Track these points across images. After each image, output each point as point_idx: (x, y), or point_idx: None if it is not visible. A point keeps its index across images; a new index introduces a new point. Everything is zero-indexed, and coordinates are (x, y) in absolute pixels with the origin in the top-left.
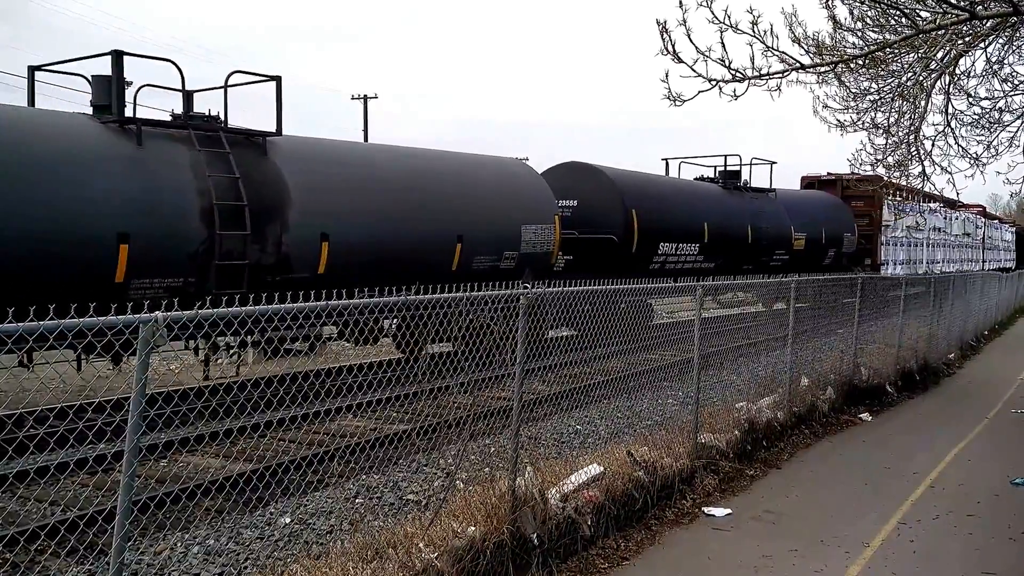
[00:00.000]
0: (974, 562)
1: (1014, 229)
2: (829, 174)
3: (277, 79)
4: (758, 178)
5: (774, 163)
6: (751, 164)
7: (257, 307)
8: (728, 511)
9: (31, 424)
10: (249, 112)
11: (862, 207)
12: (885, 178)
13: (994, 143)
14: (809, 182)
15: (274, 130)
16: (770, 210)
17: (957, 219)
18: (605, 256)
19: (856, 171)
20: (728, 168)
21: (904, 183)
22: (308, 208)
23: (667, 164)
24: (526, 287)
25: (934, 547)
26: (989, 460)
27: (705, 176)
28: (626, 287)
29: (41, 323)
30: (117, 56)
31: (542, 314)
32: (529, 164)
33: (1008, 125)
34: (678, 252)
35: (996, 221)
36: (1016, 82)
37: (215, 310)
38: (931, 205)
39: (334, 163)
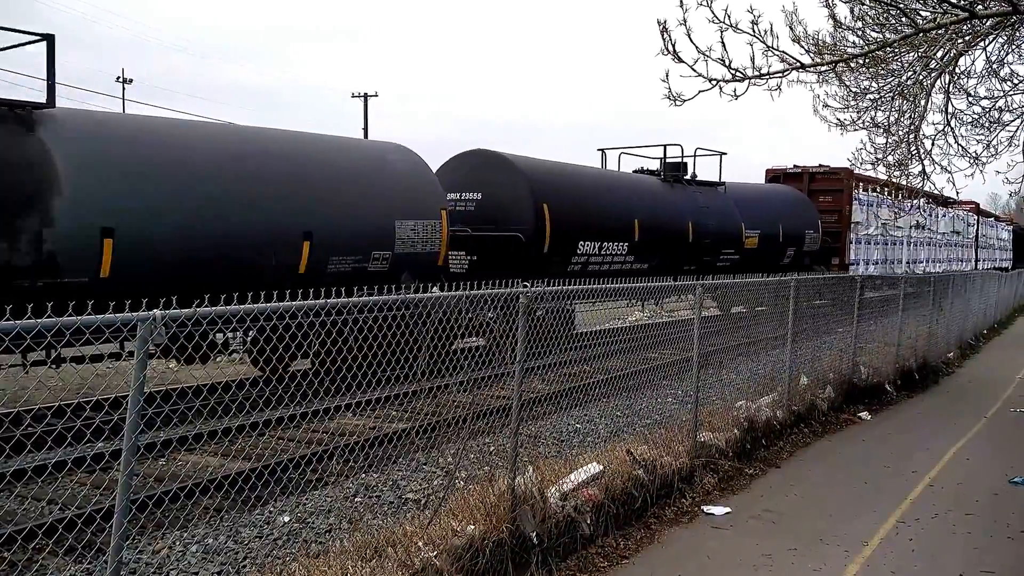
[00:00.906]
0: (973, 561)
1: (1011, 228)
2: (795, 167)
3: (48, 37)
4: (725, 173)
5: (723, 154)
6: (695, 155)
7: (257, 305)
8: (727, 510)
9: (29, 422)
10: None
11: (830, 202)
12: (885, 176)
13: (994, 142)
14: (774, 175)
15: (44, 101)
16: (717, 206)
17: (945, 216)
18: (513, 256)
19: (854, 165)
20: (670, 160)
21: (888, 178)
22: (84, 197)
23: (604, 155)
24: (526, 285)
25: (933, 546)
26: (988, 459)
27: (647, 169)
28: (627, 286)
29: (39, 321)
30: None
31: (452, 322)
32: (410, 149)
33: (1008, 124)
34: (603, 252)
35: (992, 219)
36: (1016, 81)
37: (214, 308)
38: (914, 201)
39: (129, 143)
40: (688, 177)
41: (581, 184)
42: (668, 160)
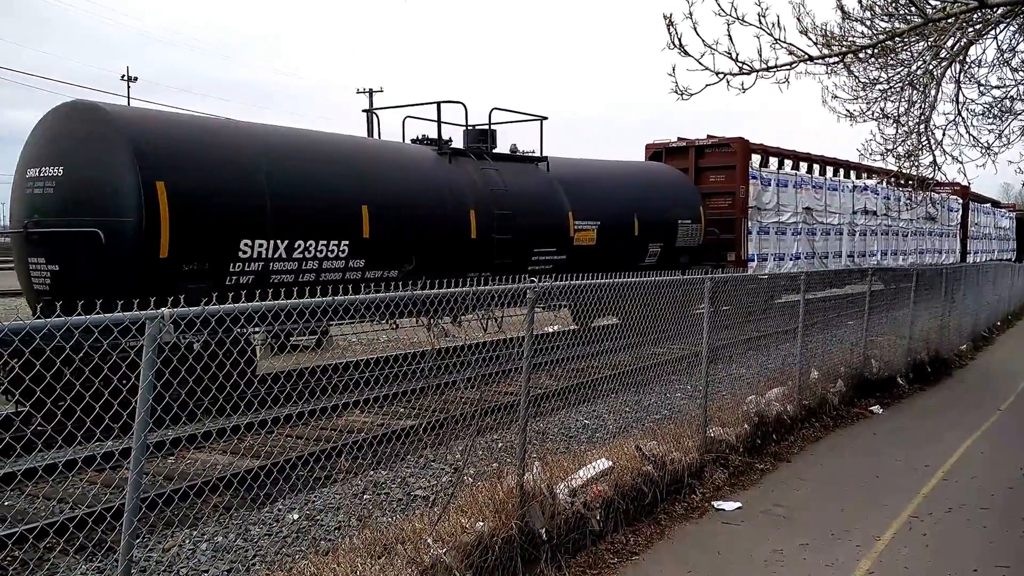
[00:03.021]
0: (988, 555)
1: (1014, 215)
2: (680, 139)
3: None
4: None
5: (543, 118)
6: (485, 126)
7: (264, 303)
8: (738, 505)
9: (39, 421)
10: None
11: (722, 183)
12: (896, 167)
13: (1005, 132)
14: (655, 151)
15: None
16: (528, 188)
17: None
18: (99, 266)
19: (864, 157)
20: (475, 127)
21: (898, 168)
22: None
23: (370, 118)
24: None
25: (947, 540)
26: (1002, 452)
27: (426, 138)
28: (654, 280)
29: (48, 320)
30: None
31: None
32: None
33: (1020, 114)
34: (296, 255)
35: (987, 205)
36: None
37: (222, 306)
38: (865, 181)
39: None
40: (481, 149)
41: (246, 152)
42: (467, 127)
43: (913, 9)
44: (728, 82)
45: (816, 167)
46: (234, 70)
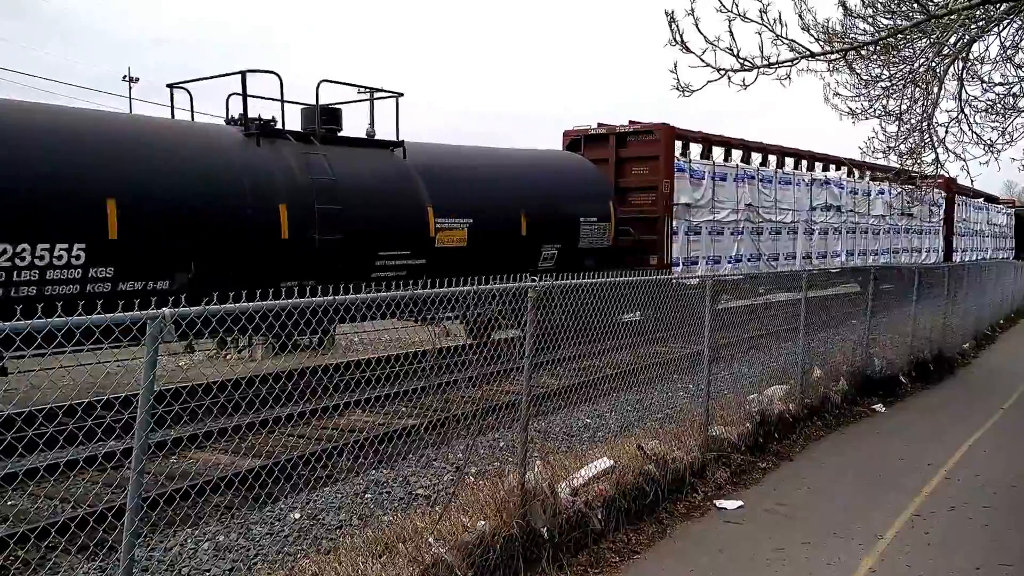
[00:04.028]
0: (990, 554)
1: (1013, 211)
2: (600, 126)
3: None
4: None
5: (399, 95)
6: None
7: (265, 303)
8: (740, 504)
9: (41, 421)
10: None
11: (645, 176)
12: (899, 165)
13: (1009, 129)
14: (573, 139)
15: None
16: (371, 178)
17: (884, 194)
18: None
19: (866, 155)
20: (322, 105)
21: (900, 166)
22: None
23: (172, 92)
24: (534, 280)
25: (949, 538)
26: (1005, 451)
27: (238, 118)
28: (653, 278)
29: (49, 320)
30: None
31: None
32: None
33: (1023, 111)
34: (18, 262)
35: (980, 200)
36: None
37: (223, 306)
38: (826, 174)
39: None
40: (322, 131)
41: None
42: (306, 106)
43: (916, 5)
44: (730, 79)
45: (773, 159)
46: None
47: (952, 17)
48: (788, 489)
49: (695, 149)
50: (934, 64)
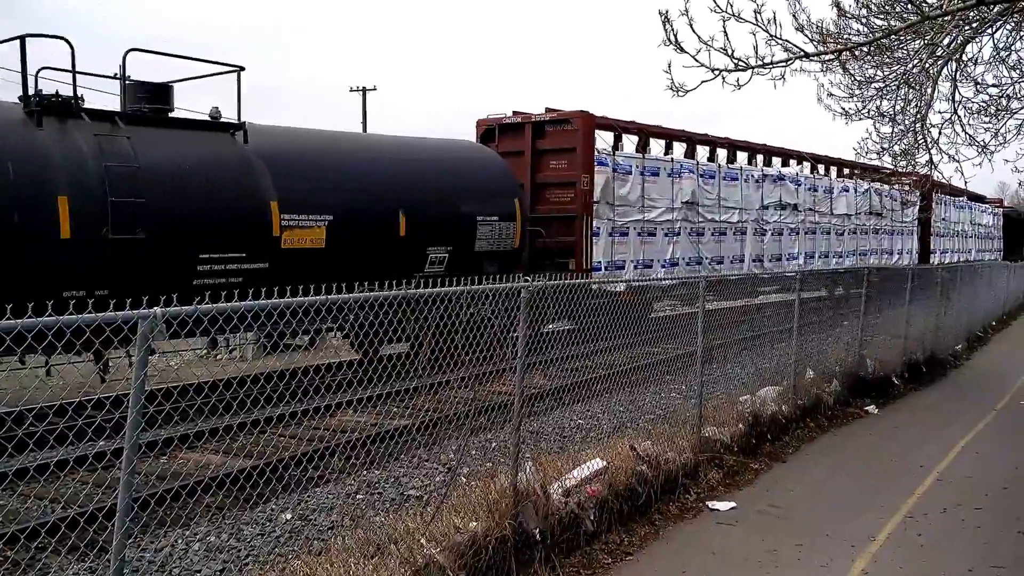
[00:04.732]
0: (982, 555)
1: (1000, 211)
2: (516, 114)
3: None
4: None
5: (239, 69)
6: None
7: (257, 302)
8: (732, 505)
9: (31, 421)
10: None
11: (563, 170)
12: (889, 165)
13: (1002, 131)
14: (487, 129)
15: None
16: (193, 165)
17: (849, 192)
18: None
19: (860, 156)
20: (154, 83)
21: (894, 167)
22: None
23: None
24: (527, 280)
25: (941, 540)
26: (998, 453)
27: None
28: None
29: (39, 320)
30: None
31: None
32: None
33: (1016, 112)
34: None
35: (963, 198)
36: None
37: (215, 305)
38: (781, 169)
39: None
40: (151, 110)
41: None
42: (129, 81)
43: (910, 6)
44: (724, 79)
45: (724, 153)
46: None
47: (946, 18)
48: (781, 490)
49: (631, 142)
50: (927, 65)
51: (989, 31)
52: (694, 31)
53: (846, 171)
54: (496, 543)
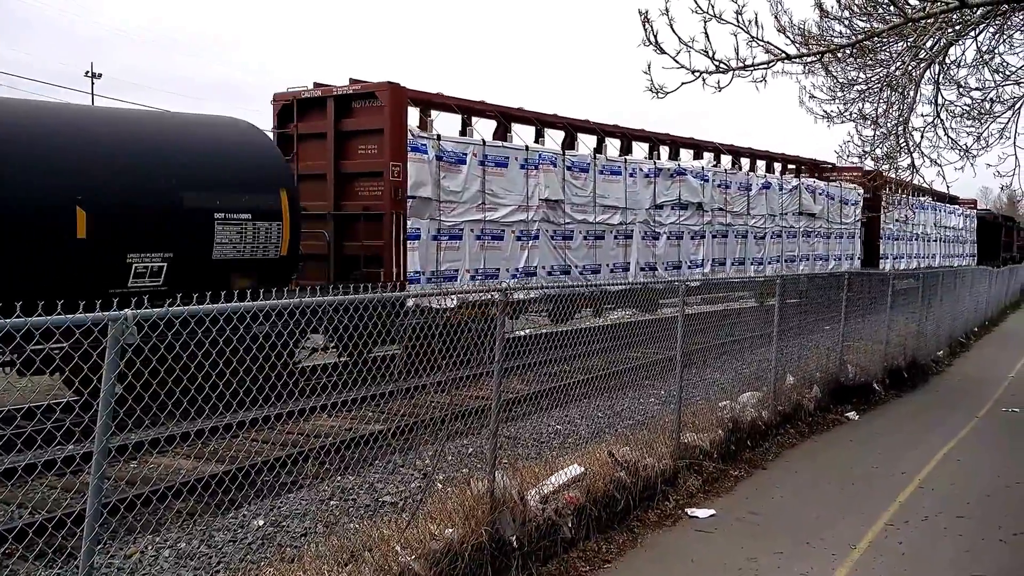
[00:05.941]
0: (964, 564)
1: (973, 213)
2: (316, 87)
3: None
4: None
5: None
6: None
7: (230, 304)
8: (712, 512)
9: None
10: None
11: (372, 156)
12: (875, 169)
13: (984, 135)
14: (284, 105)
15: None
16: None
17: (784, 192)
18: None
19: (841, 159)
20: None
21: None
22: None
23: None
24: (506, 284)
25: (923, 549)
26: (979, 460)
27: None
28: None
29: (7, 321)
30: None
31: None
32: None
33: (999, 116)
34: None
35: (926, 198)
36: (1007, 72)
37: (187, 307)
38: (682, 164)
39: None
40: None
41: None
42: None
43: (893, 8)
44: (704, 80)
45: (617, 143)
46: (212, 67)
47: (929, 21)
48: (761, 497)
49: (487, 128)
50: (910, 68)
51: (972, 34)
52: (675, 32)
53: (777, 166)
54: (472, 550)
